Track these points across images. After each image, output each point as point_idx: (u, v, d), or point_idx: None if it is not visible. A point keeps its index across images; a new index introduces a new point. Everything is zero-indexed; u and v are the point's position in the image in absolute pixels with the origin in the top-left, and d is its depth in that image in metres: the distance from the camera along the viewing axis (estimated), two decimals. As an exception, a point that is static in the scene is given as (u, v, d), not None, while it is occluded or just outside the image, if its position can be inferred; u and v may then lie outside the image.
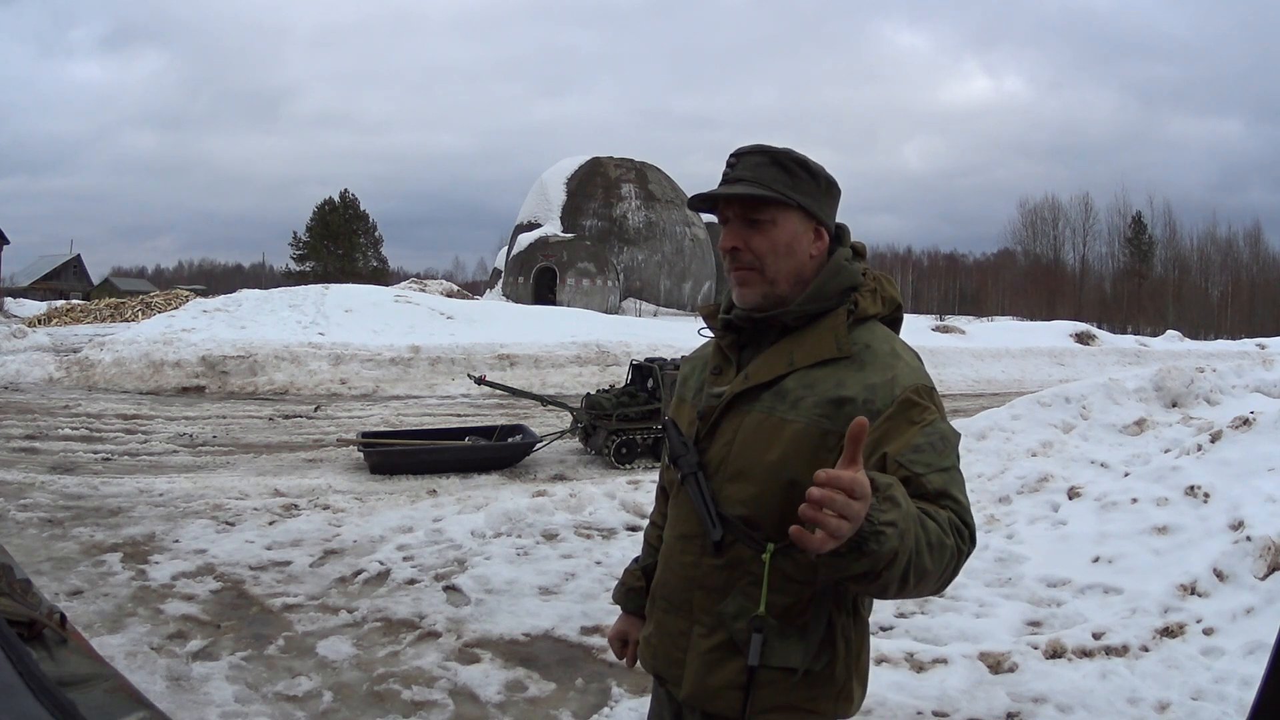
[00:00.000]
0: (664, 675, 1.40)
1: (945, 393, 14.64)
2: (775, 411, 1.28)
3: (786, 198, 1.29)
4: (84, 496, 5.83)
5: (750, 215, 1.30)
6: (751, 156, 1.32)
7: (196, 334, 13.45)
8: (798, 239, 1.31)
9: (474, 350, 13.76)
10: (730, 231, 1.32)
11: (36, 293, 47.25)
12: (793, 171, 1.31)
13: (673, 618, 1.38)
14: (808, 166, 1.32)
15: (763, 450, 1.27)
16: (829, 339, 1.29)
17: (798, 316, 1.31)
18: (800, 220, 1.32)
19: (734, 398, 1.31)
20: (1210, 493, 4.58)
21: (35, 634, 0.86)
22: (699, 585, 1.33)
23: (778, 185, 1.29)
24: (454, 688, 3.24)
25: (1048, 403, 6.52)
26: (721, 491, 1.30)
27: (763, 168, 1.30)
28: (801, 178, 1.31)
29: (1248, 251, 58.81)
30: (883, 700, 3.07)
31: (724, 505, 1.29)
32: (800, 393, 1.27)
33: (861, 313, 1.32)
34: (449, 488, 6.51)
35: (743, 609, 1.27)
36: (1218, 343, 26.50)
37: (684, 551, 1.35)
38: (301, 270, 45.57)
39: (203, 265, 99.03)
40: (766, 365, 1.31)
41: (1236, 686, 3.06)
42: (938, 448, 1.20)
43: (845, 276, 1.33)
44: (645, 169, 37.55)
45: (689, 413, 1.40)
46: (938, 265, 79.10)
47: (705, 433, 1.34)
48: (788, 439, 1.25)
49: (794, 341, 1.31)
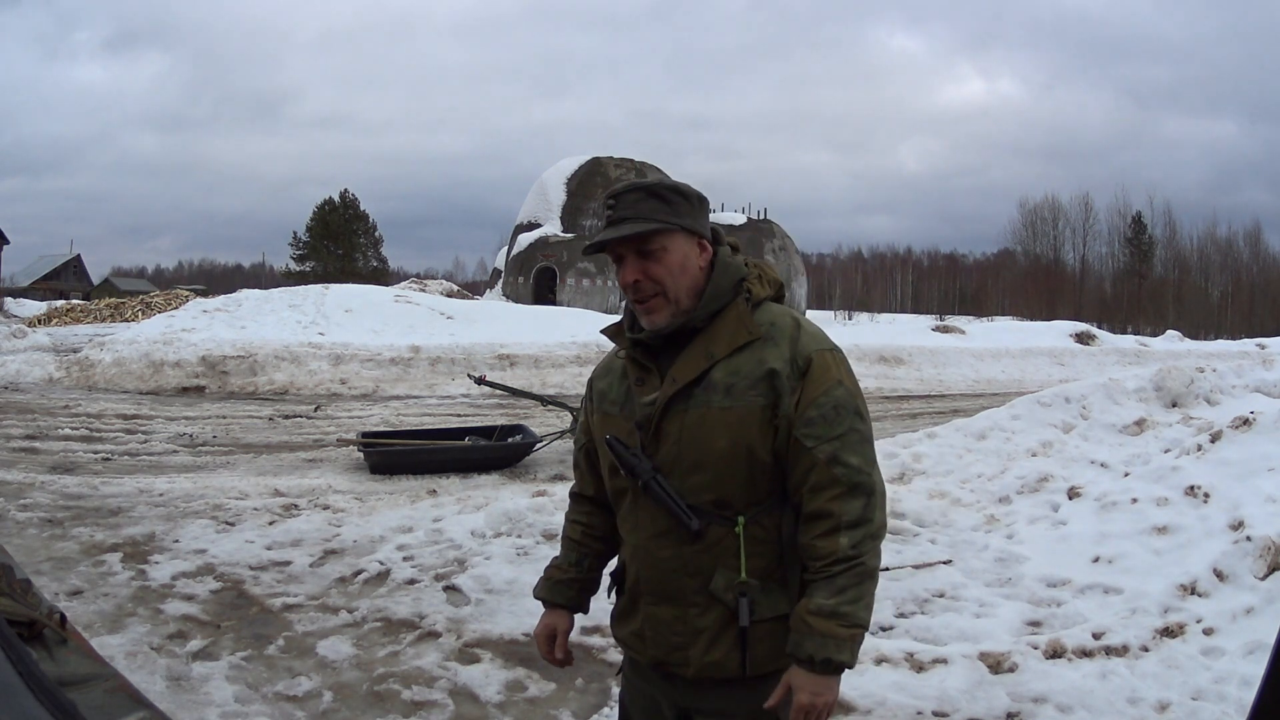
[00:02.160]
0: (667, 660, 1.49)
1: (945, 393, 14.69)
2: (713, 404, 1.40)
3: (669, 225, 1.42)
4: (84, 496, 5.83)
5: (642, 248, 1.42)
6: (628, 195, 1.44)
7: (196, 334, 13.45)
8: (687, 257, 1.45)
9: (474, 350, 13.75)
10: (628, 267, 1.43)
11: (36, 293, 47.27)
12: (668, 199, 1.43)
13: (663, 608, 1.48)
14: (679, 190, 1.46)
15: (712, 440, 1.40)
16: (738, 327, 1.43)
17: (702, 317, 1.44)
18: (685, 240, 1.45)
19: (669, 400, 1.42)
20: (1210, 493, 4.58)
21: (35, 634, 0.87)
22: (684, 572, 1.44)
23: (659, 215, 1.42)
24: (454, 688, 3.24)
25: (1048, 403, 6.52)
26: (683, 485, 1.42)
27: (641, 203, 1.42)
28: (677, 202, 1.44)
29: (1248, 251, 58.88)
30: (883, 700, 3.07)
31: (688, 496, 1.41)
32: (729, 380, 1.40)
33: (755, 298, 1.47)
34: (449, 488, 6.51)
35: (730, 580, 1.42)
36: (1218, 343, 26.48)
37: (662, 547, 1.45)
38: (301, 270, 45.56)
39: (203, 265, 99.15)
40: (688, 365, 1.43)
41: (1236, 686, 3.06)
42: (829, 418, 1.37)
43: (733, 271, 1.48)
44: (645, 169, 37.51)
45: (624, 424, 1.49)
46: (937, 265, 79.14)
47: (650, 439, 1.45)
48: (733, 424, 1.39)
49: (706, 338, 1.44)
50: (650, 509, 1.45)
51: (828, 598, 1.34)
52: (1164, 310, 52.41)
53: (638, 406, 1.47)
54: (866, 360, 15.76)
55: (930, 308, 65.55)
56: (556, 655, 1.63)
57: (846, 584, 1.34)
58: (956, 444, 6.30)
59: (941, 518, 5.34)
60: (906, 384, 15.36)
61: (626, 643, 1.59)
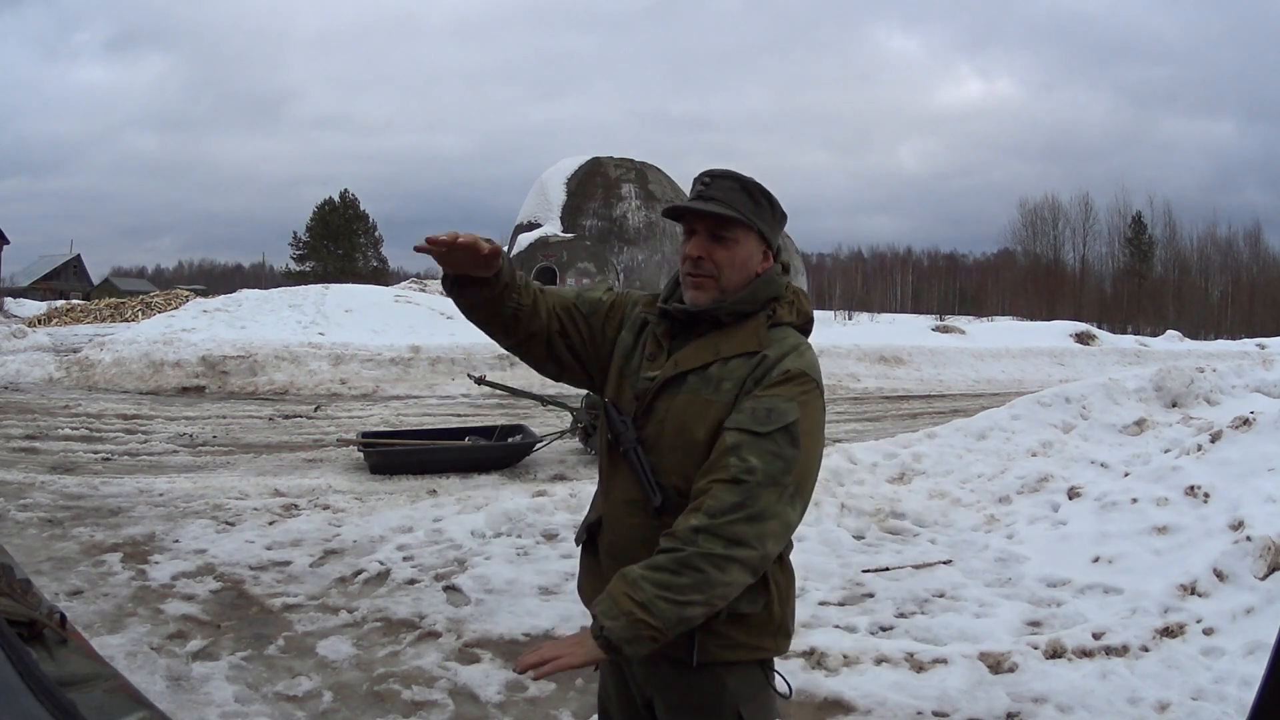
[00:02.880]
0: None
1: (945, 393, 14.69)
2: (701, 393, 1.45)
3: (750, 221, 1.49)
4: (84, 496, 5.83)
5: (717, 231, 1.49)
6: (724, 181, 1.50)
7: (196, 334, 13.45)
8: (751, 257, 1.52)
9: (474, 350, 13.75)
10: (697, 242, 1.50)
11: (36, 293, 47.26)
12: (757, 200, 1.50)
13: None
14: (769, 197, 1.52)
15: (692, 429, 1.44)
16: (752, 337, 1.48)
17: (728, 314, 1.50)
18: (756, 242, 1.52)
19: (665, 381, 1.49)
20: (1210, 493, 4.58)
21: (35, 634, 0.86)
22: (646, 544, 1.43)
23: (744, 209, 1.48)
24: (454, 688, 3.24)
25: (1048, 403, 6.52)
26: (658, 464, 1.47)
27: (733, 192, 1.48)
28: (762, 205, 1.51)
29: (1248, 251, 58.81)
30: (883, 700, 3.07)
31: (660, 475, 1.46)
32: (721, 376, 1.46)
33: (778, 319, 1.52)
34: (449, 488, 6.51)
35: None
36: (1218, 343, 26.52)
37: (630, 515, 1.50)
38: (301, 270, 45.57)
39: (203, 265, 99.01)
40: (695, 354, 1.49)
41: (1236, 686, 3.06)
42: (759, 416, 1.38)
43: (772, 288, 1.53)
44: (645, 169, 37.50)
45: (626, 390, 1.55)
46: (938, 265, 79.08)
47: (641, 412, 1.50)
48: (713, 417, 1.43)
49: (721, 336, 1.49)
50: (626, 476, 1.50)
51: (640, 566, 1.32)
52: (1164, 310, 52.41)
53: (641, 379, 1.53)
54: (866, 360, 15.77)
55: (930, 308, 65.52)
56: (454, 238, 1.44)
57: (662, 563, 1.31)
58: (956, 444, 6.30)
59: (941, 518, 5.34)
60: (906, 384, 15.36)
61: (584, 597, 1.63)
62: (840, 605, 4.09)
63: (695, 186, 1.52)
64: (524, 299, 1.55)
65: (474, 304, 1.54)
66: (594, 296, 1.66)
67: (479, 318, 1.58)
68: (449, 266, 1.48)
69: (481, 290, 1.51)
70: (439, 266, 1.48)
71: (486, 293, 1.51)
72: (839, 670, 3.30)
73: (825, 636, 3.56)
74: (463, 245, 1.42)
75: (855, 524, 5.20)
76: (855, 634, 3.68)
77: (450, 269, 1.49)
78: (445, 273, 1.51)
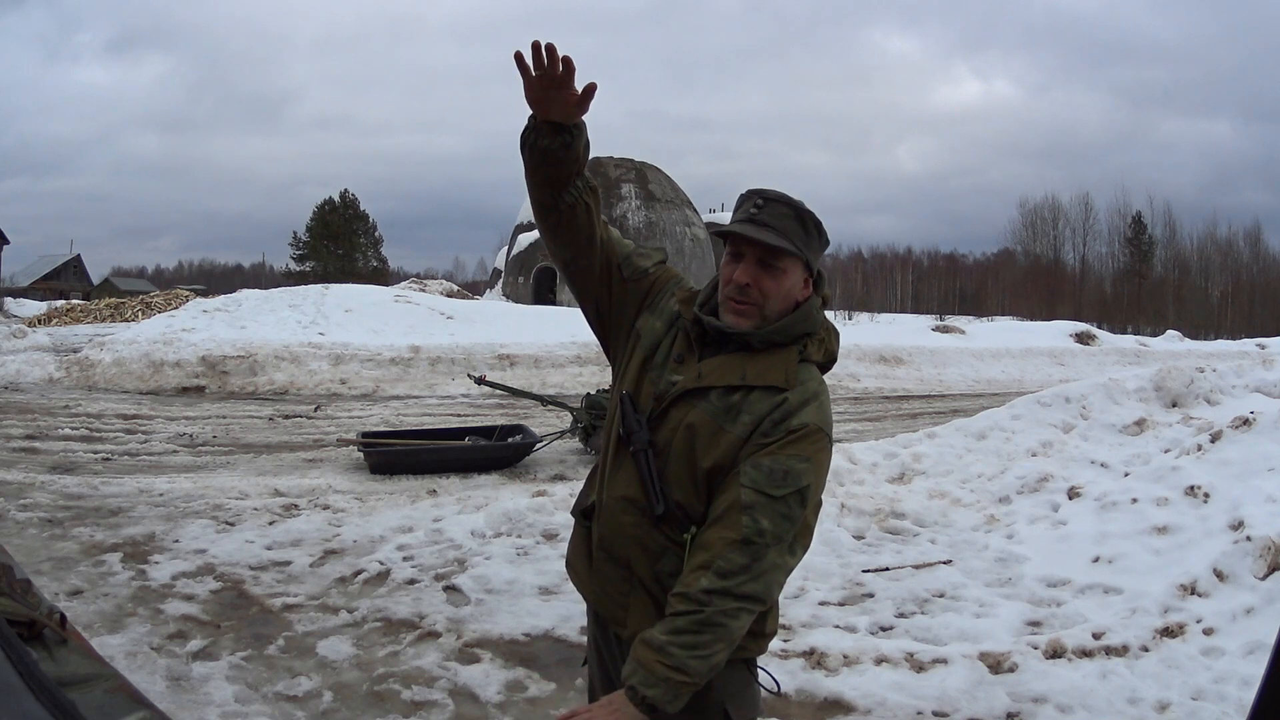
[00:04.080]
0: (606, 615, 1.58)
1: (945, 393, 14.69)
2: (718, 418, 1.43)
3: (800, 253, 1.46)
4: (84, 496, 5.83)
5: (768, 260, 1.45)
6: (779, 206, 1.45)
7: (196, 334, 13.44)
8: (795, 287, 1.49)
9: (474, 350, 13.75)
10: (746, 268, 1.45)
11: (36, 292, 47.24)
12: (809, 230, 1.47)
13: (611, 567, 1.53)
14: (819, 226, 1.48)
15: (701, 451, 1.43)
16: (780, 371, 1.45)
17: (761, 340, 1.47)
18: (801, 271, 1.49)
19: (687, 390, 1.46)
20: (1210, 493, 4.58)
21: (35, 634, 0.86)
22: (638, 545, 1.48)
23: (797, 239, 1.45)
24: (454, 688, 3.24)
25: (1048, 403, 6.52)
26: (664, 471, 1.46)
27: (787, 220, 1.45)
28: (813, 236, 1.48)
29: (1248, 251, 58.90)
30: (883, 700, 3.07)
31: (664, 484, 1.45)
32: (742, 408, 1.43)
33: (806, 356, 1.50)
34: (449, 488, 6.51)
35: (676, 568, 1.45)
36: (1218, 343, 26.49)
37: (625, 512, 1.49)
38: (301, 270, 45.53)
39: (203, 265, 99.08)
40: (721, 370, 1.46)
41: (1236, 686, 3.06)
42: (775, 478, 1.38)
43: (809, 323, 1.51)
44: (645, 169, 37.51)
45: (647, 387, 1.52)
46: (937, 265, 79.06)
47: (657, 415, 1.48)
48: (723, 446, 1.42)
49: (750, 359, 1.46)
50: (629, 473, 1.48)
51: (661, 632, 1.34)
52: (1164, 310, 52.44)
53: (665, 381, 1.49)
54: (866, 360, 15.76)
55: (930, 308, 65.51)
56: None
57: (682, 627, 1.33)
58: (956, 444, 6.30)
59: (941, 518, 5.34)
60: (906, 384, 15.36)
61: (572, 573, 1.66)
62: (840, 605, 4.09)
63: (746, 207, 1.47)
64: (590, 198, 1.51)
65: (545, 154, 1.45)
66: (641, 265, 1.61)
67: (540, 179, 1.50)
68: (533, 98, 1.41)
69: (558, 138, 1.43)
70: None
71: (563, 141, 1.43)
72: (839, 670, 3.30)
73: (825, 636, 3.56)
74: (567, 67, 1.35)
75: (855, 524, 5.20)
76: (855, 634, 3.68)
77: (534, 102, 1.41)
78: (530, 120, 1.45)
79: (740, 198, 1.50)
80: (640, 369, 1.54)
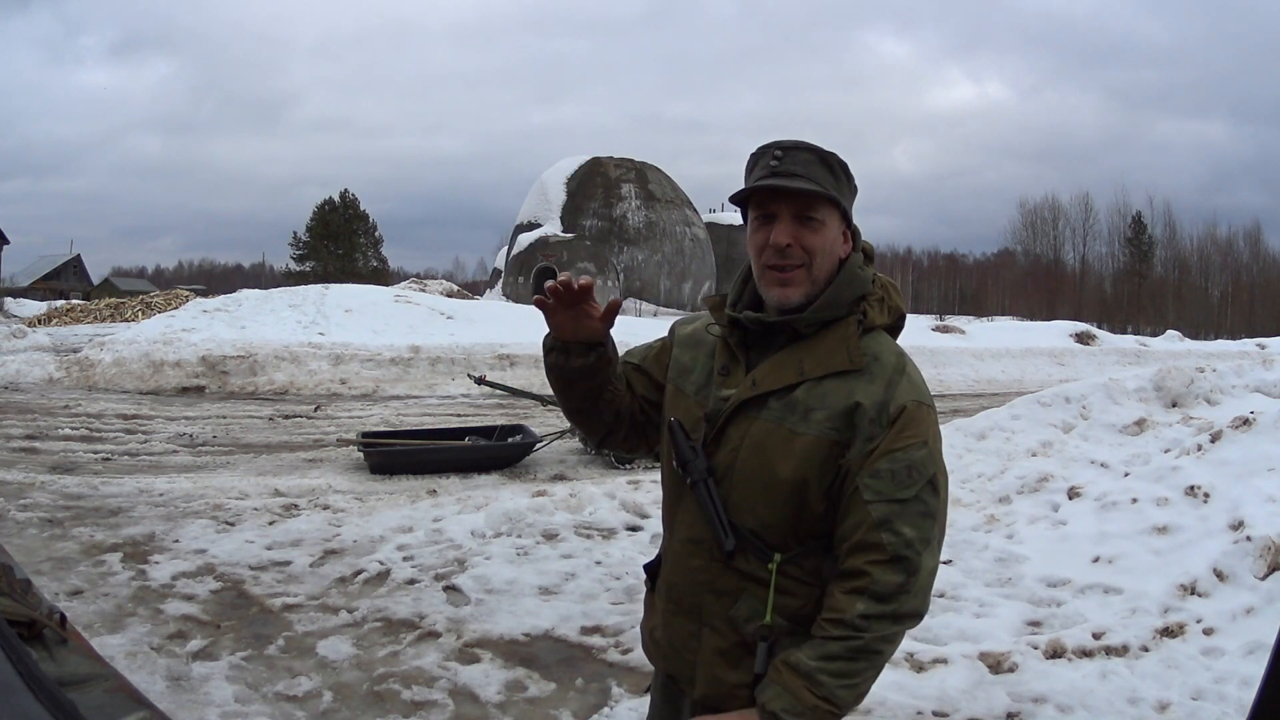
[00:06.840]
0: (677, 675, 1.41)
1: (945, 393, 14.69)
2: (785, 422, 1.26)
3: (836, 198, 1.28)
4: (84, 496, 5.83)
5: (805, 213, 1.27)
6: (800, 153, 1.27)
7: (196, 334, 13.44)
8: (836, 241, 1.30)
9: (474, 350, 13.75)
10: (783, 228, 1.27)
11: (36, 293, 47.21)
12: (836, 173, 1.29)
13: (681, 619, 1.37)
14: (846, 170, 1.31)
15: (774, 463, 1.26)
16: (840, 351, 1.27)
17: (809, 324, 1.29)
18: (839, 222, 1.31)
19: (742, 403, 1.29)
20: (1210, 493, 4.58)
21: (35, 634, 0.86)
22: (709, 589, 1.32)
23: (828, 185, 1.27)
24: (454, 688, 3.24)
25: (1048, 403, 6.52)
26: (729, 498, 1.29)
27: (812, 166, 1.27)
28: (842, 180, 1.30)
29: (1248, 251, 58.95)
30: (883, 700, 3.07)
31: (732, 512, 1.28)
32: (810, 404, 1.26)
33: (870, 323, 1.31)
34: (449, 488, 6.51)
35: (755, 611, 1.29)
36: (1218, 343, 26.49)
37: (693, 555, 1.34)
38: (301, 270, 45.54)
39: (203, 265, 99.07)
40: (775, 372, 1.29)
41: (1236, 686, 3.06)
42: (899, 477, 1.22)
43: (858, 284, 1.32)
44: (645, 169, 37.53)
45: (694, 411, 1.35)
46: (937, 265, 79.10)
47: (712, 437, 1.31)
48: (799, 452, 1.25)
49: (804, 349, 1.29)
50: (692, 510, 1.33)
51: (811, 657, 1.20)
52: (1164, 310, 52.44)
53: (714, 398, 1.33)
54: (866, 360, 15.75)
55: (930, 308, 65.48)
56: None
57: (836, 653, 1.19)
58: (956, 444, 6.30)
59: (941, 518, 5.33)
60: (906, 384, 15.34)
61: (645, 639, 1.50)
62: (840, 605, 4.08)
63: (765, 161, 1.28)
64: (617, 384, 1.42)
65: (579, 372, 1.36)
66: (641, 347, 1.51)
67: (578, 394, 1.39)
68: (559, 325, 1.33)
69: (592, 353, 1.35)
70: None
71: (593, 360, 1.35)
72: (839, 670, 3.30)
73: (825, 636, 3.56)
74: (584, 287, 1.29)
75: (855, 524, 5.19)
76: (855, 634, 3.67)
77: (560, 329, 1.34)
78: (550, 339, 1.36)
79: (753, 155, 1.32)
80: (676, 394, 1.40)
